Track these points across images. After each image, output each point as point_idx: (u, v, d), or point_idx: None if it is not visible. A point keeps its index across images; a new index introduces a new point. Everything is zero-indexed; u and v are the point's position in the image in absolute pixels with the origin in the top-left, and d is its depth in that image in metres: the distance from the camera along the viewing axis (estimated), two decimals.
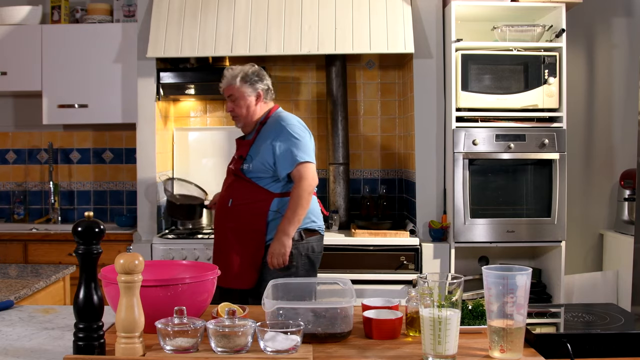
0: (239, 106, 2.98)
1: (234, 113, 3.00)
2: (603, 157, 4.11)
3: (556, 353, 1.42)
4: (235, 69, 3.01)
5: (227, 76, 3.01)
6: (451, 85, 3.51)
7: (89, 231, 1.41)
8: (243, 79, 2.97)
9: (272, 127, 2.95)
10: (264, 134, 2.95)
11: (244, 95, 2.97)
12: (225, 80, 3.01)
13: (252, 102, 2.98)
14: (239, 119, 3.00)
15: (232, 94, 2.98)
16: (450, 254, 3.49)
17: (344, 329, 1.55)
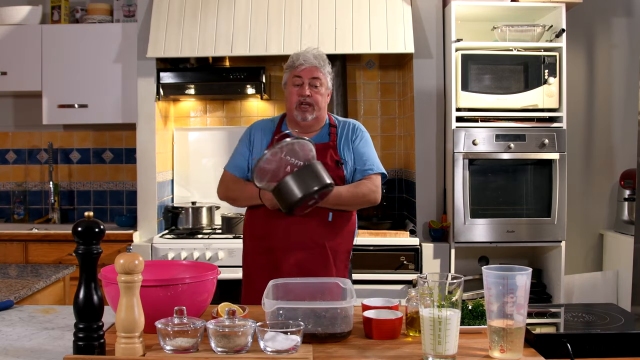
0: (321, 94, 2.54)
1: (313, 100, 2.51)
2: (603, 157, 4.11)
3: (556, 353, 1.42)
4: (320, 53, 2.61)
5: (313, 56, 2.56)
6: (451, 85, 3.51)
7: (89, 231, 1.41)
8: (329, 70, 2.60)
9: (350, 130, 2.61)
10: (343, 137, 2.59)
11: (327, 86, 2.58)
12: (311, 60, 2.54)
13: (327, 98, 2.60)
14: (313, 109, 2.52)
15: (318, 78, 2.53)
16: (450, 254, 3.49)
17: (344, 329, 1.55)
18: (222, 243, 3.53)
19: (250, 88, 3.79)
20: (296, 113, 2.52)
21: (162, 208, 3.88)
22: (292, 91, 2.54)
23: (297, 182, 2.25)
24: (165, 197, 3.98)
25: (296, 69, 2.54)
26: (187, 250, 3.50)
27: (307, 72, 2.52)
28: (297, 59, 2.55)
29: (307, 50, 2.59)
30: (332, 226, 2.49)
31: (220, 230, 3.81)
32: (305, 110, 2.52)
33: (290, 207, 2.27)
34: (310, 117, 2.52)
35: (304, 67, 2.53)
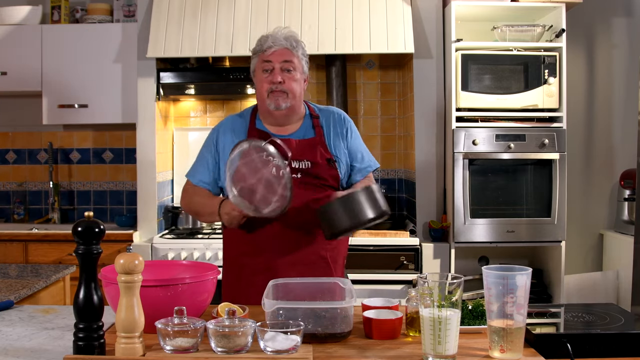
0: (295, 79, 2.22)
1: (287, 87, 2.19)
2: (603, 157, 4.11)
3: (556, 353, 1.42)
4: (292, 33, 2.27)
5: (284, 36, 2.23)
6: (451, 85, 3.50)
7: (89, 231, 1.41)
8: (304, 53, 2.28)
9: (336, 121, 2.32)
10: (330, 130, 2.30)
11: (302, 70, 2.26)
12: (281, 42, 2.22)
13: (302, 84, 2.27)
14: (287, 96, 2.20)
15: (291, 61, 2.21)
16: (450, 254, 3.49)
17: (344, 329, 1.55)
18: (222, 243, 3.52)
19: (250, 88, 3.79)
20: (268, 102, 2.19)
21: (162, 208, 3.88)
22: (261, 78, 2.22)
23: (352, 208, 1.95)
24: (165, 197, 3.98)
25: (264, 52, 2.22)
26: (187, 250, 3.50)
27: (277, 56, 2.20)
28: (265, 41, 2.23)
29: (277, 31, 2.26)
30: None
31: (220, 230, 3.81)
32: (277, 97, 2.19)
33: (337, 234, 2.00)
34: (284, 104, 2.20)
35: (273, 49, 2.21)
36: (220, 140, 2.29)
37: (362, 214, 1.94)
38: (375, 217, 1.96)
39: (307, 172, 2.20)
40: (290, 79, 2.21)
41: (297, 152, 2.21)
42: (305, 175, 2.19)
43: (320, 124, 2.30)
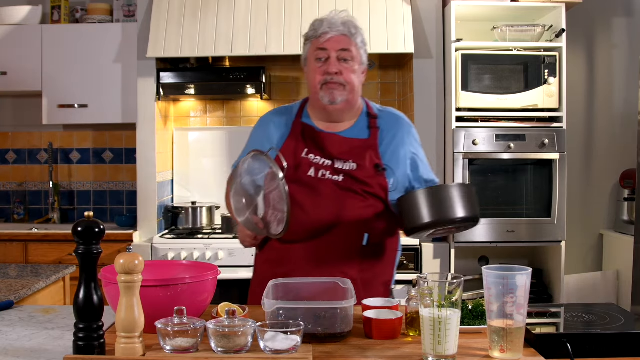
0: (353, 71, 1.98)
1: (344, 79, 1.96)
2: (603, 157, 4.11)
3: (556, 353, 1.42)
4: (350, 17, 2.04)
5: (342, 22, 2.00)
6: (451, 85, 3.50)
7: (89, 231, 1.41)
8: (363, 41, 2.03)
9: (399, 125, 2.09)
10: (389, 134, 2.05)
11: (361, 61, 2.01)
12: (338, 27, 1.98)
13: (360, 75, 2.03)
14: (343, 89, 1.97)
15: (349, 50, 1.97)
16: (450, 254, 3.49)
17: (344, 329, 1.55)
18: (222, 243, 3.53)
19: (250, 88, 3.79)
20: (322, 94, 1.96)
21: (162, 208, 3.88)
22: (314, 68, 1.98)
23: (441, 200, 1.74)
24: (165, 197, 3.98)
25: (319, 39, 1.98)
26: (187, 250, 3.50)
27: (333, 43, 1.96)
28: (320, 26, 2.00)
29: (333, 15, 2.02)
30: (367, 253, 1.98)
31: (220, 230, 3.81)
32: (333, 89, 1.95)
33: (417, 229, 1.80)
34: (340, 98, 1.96)
35: (329, 35, 1.97)
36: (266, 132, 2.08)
37: (451, 211, 1.71)
38: (467, 218, 1.73)
39: (350, 175, 1.96)
40: (348, 70, 1.96)
41: (344, 151, 1.98)
42: (348, 178, 1.95)
43: (378, 125, 2.06)
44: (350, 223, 1.92)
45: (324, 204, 1.93)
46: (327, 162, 1.98)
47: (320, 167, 1.97)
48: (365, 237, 1.95)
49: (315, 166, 1.97)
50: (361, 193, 1.95)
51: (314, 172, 1.97)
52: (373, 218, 1.96)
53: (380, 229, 1.98)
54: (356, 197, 1.95)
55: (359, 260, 1.96)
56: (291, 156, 1.98)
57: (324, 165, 1.98)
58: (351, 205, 1.94)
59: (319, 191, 1.95)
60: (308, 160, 1.99)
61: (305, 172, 1.97)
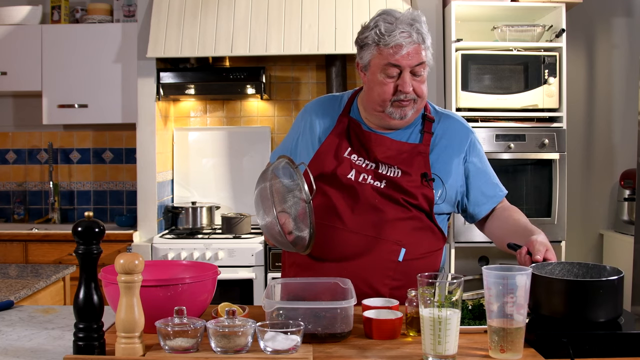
0: (423, 81, 1.81)
1: (416, 93, 1.79)
2: (603, 157, 4.11)
3: (556, 353, 1.42)
4: (416, 15, 1.77)
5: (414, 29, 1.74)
6: (451, 85, 3.51)
7: (89, 231, 1.41)
8: (429, 38, 1.81)
9: (456, 131, 1.91)
10: (443, 140, 1.88)
11: (430, 64, 1.83)
12: (413, 37, 1.73)
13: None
14: (415, 103, 1.81)
15: (424, 63, 1.77)
16: (450, 254, 3.49)
17: (344, 329, 1.55)
18: (222, 243, 3.53)
19: (250, 88, 3.79)
20: (391, 110, 1.80)
21: (162, 208, 3.88)
22: (383, 82, 1.78)
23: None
24: (165, 197, 3.98)
25: (390, 50, 1.73)
26: (187, 250, 3.50)
27: (409, 59, 1.74)
28: (390, 34, 1.72)
29: (402, 18, 1.74)
30: (401, 270, 1.82)
31: (220, 230, 3.81)
32: (404, 107, 1.80)
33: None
34: (410, 112, 1.81)
35: (404, 51, 1.73)
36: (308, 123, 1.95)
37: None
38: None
39: (393, 182, 1.81)
40: (420, 83, 1.79)
41: (390, 155, 1.83)
42: (390, 185, 1.81)
43: (433, 129, 1.88)
44: (386, 235, 1.78)
45: (360, 211, 1.79)
46: (371, 165, 1.84)
47: (362, 169, 1.83)
48: (401, 252, 1.81)
49: (357, 168, 1.84)
50: (402, 203, 1.81)
51: (354, 175, 1.83)
52: (412, 232, 1.82)
53: (419, 244, 1.84)
54: (396, 207, 1.81)
55: (392, 278, 1.81)
56: (332, 154, 1.86)
57: (367, 168, 1.84)
58: (389, 215, 1.80)
59: (357, 197, 1.81)
60: (350, 161, 1.85)
61: (345, 174, 1.84)
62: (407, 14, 1.77)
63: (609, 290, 1.54)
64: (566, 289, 1.52)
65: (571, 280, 1.59)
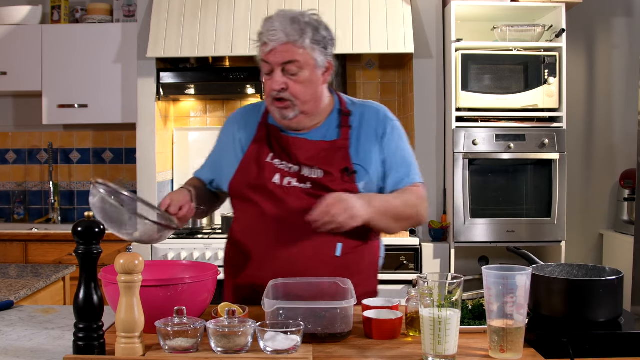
0: (301, 82, 1.79)
1: (290, 94, 1.79)
2: (603, 157, 4.11)
3: (556, 353, 1.42)
4: (295, 14, 1.79)
5: (284, 25, 1.76)
6: (451, 85, 3.51)
7: (89, 231, 1.41)
8: (316, 38, 1.80)
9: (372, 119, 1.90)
10: (362, 130, 1.88)
11: (315, 64, 1.80)
12: (279, 36, 1.75)
13: (320, 78, 1.83)
14: (293, 105, 1.81)
15: (296, 61, 1.77)
16: (450, 254, 3.49)
17: (344, 329, 1.55)
18: (222, 243, 3.49)
19: (250, 88, 3.79)
20: (272, 109, 1.83)
21: None
22: (265, 80, 1.82)
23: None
24: None
25: (263, 48, 1.78)
26: (187, 250, 3.50)
27: (276, 56, 1.76)
28: (264, 32, 1.78)
29: (281, 16, 1.78)
30: (341, 265, 1.83)
31: (220, 230, 3.81)
32: (282, 108, 1.81)
33: None
34: (291, 114, 1.81)
35: (270, 47, 1.76)
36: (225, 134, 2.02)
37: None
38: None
39: (317, 183, 1.82)
40: (296, 83, 1.78)
41: (310, 157, 1.84)
42: (316, 187, 1.82)
43: (350, 122, 1.88)
44: (319, 234, 1.74)
45: (290, 215, 1.78)
46: (295, 167, 1.85)
47: (286, 173, 1.85)
48: (338, 247, 1.83)
49: (281, 173, 1.85)
50: None
51: (280, 179, 1.84)
52: None
53: (354, 236, 1.83)
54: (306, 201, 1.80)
55: (332, 273, 1.80)
56: (254, 162, 1.88)
57: (291, 171, 1.85)
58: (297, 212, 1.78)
59: (284, 200, 1.82)
60: (273, 165, 1.86)
61: (269, 179, 1.85)
62: (291, 13, 1.79)
63: (608, 290, 1.54)
64: (566, 289, 1.53)
65: (571, 280, 1.59)
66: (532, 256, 1.87)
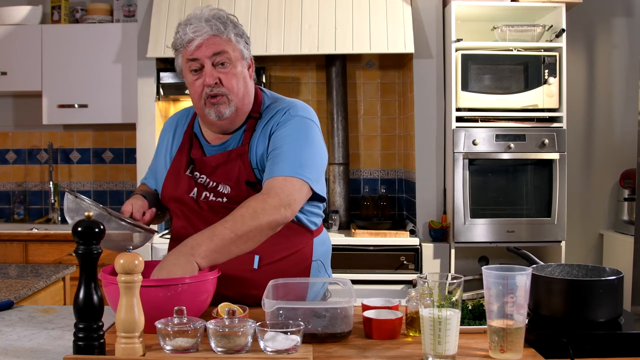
0: (234, 74, 1.75)
1: (225, 88, 1.74)
2: (603, 157, 4.11)
3: (556, 353, 1.42)
4: (215, 11, 1.75)
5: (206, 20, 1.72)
6: (451, 85, 3.51)
7: (89, 231, 1.41)
8: (238, 32, 1.77)
9: (272, 119, 1.81)
10: (263, 131, 1.81)
11: (241, 57, 1.77)
12: (205, 28, 1.71)
13: (247, 73, 1.81)
14: (228, 101, 1.76)
15: (225, 52, 1.73)
16: (450, 254, 3.49)
17: (344, 329, 1.55)
18: None
19: None
20: (207, 110, 1.76)
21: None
22: (191, 81, 1.76)
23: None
24: None
25: (187, 48, 1.73)
26: None
27: (204, 50, 1.71)
28: (185, 32, 1.72)
29: (197, 13, 1.74)
30: (261, 275, 1.78)
31: None
32: (218, 104, 1.74)
33: None
34: (227, 111, 1.75)
35: (196, 42, 1.71)
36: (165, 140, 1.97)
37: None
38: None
39: (229, 197, 1.77)
40: (228, 75, 1.73)
41: (215, 173, 1.80)
42: (230, 200, 1.76)
43: (256, 126, 1.80)
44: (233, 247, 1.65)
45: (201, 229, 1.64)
46: (212, 182, 1.79)
47: (203, 188, 1.79)
48: (255, 259, 1.78)
49: (199, 187, 1.80)
50: None
51: (197, 194, 1.78)
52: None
53: (274, 247, 1.78)
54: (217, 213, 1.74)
55: (251, 286, 1.77)
56: (176, 174, 1.84)
57: (209, 186, 1.79)
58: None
59: (201, 215, 1.78)
60: (192, 179, 1.82)
61: (187, 193, 1.81)
62: (207, 12, 1.74)
63: (608, 290, 1.54)
64: (566, 289, 1.52)
65: (571, 280, 1.59)
66: (532, 256, 1.87)
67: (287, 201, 1.65)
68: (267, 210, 1.62)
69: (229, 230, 1.59)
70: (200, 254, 1.57)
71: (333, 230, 3.79)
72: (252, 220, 1.61)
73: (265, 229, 1.63)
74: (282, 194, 1.65)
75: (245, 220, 1.60)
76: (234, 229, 1.59)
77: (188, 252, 1.58)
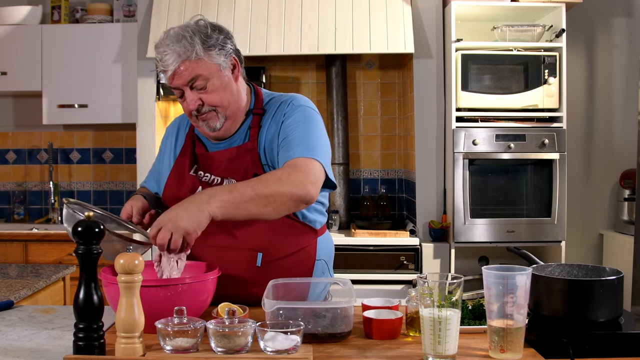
0: (214, 90, 1.76)
1: (210, 105, 1.76)
2: (603, 157, 4.11)
3: (556, 353, 1.42)
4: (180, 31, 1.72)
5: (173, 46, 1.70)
6: (451, 85, 3.51)
7: (89, 231, 1.41)
8: (208, 44, 1.73)
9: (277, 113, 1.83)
10: (269, 126, 1.82)
11: (219, 69, 1.76)
12: (174, 57, 1.70)
13: (231, 77, 1.79)
14: (217, 114, 1.78)
15: (199, 76, 1.73)
16: (450, 254, 3.49)
17: (344, 329, 1.55)
18: None
19: None
20: (200, 124, 1.80)
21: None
22: (180, 101, 1.80)
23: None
24: None
25: (167, 74, 1.75)
26: None
27: (178, 78, 1.73)
28: (161, 59, 1.72)
29: (165, 39, 1.72)
30: (264, 273, 1.79)
31: None
32: (207, 119, 1.78)
33: None
34: (218, 123, 1.78)
35: (169, 72, 1.72)
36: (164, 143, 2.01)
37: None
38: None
39: None
40: (210, 95, 1.75)
41: (223, 169, 1.81)
42: None
43: (261, 122, 1.82)
44: (239, 244, 1.75)
45: (211, 226, 1.60)
46: (217, 179, 1.81)
47: (208, 185, 1.80)
48: (259, 256, 1.78)
49: (204, 185, 1.80)
50: None
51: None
52: (269, 233, 1.77)
53: (278, 245, 1.80)
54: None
55: (253, 283, 1.78)
56: (179, 174, 1.86)
57: (214, 183, 1.80)
58: (239, 224, 1.75)
59: None
60: (196, 178, 1.84)
61: (190, 191, 1.80)
62: (174, 31, 1.73)
63: (608, 290, 1.54)
64: (566, 289, 1.53)
65: (571, 280, 1.59)
66: (532, 256, 1.87)
67: (312, 179, 1.65)
68: (292, 181, 1.62)
69: (250, 188, 1.58)
70: (217, 203, 1.55)
71: (333, 230, 3.79)
72: (275, 185, 1.60)
73: (287, 199, 1.61)
74: (306, 171, 1.65)
75: (268, 184, 1.60)
76: (256, 188, 1.58)
77: (203, 200, 1.55)
